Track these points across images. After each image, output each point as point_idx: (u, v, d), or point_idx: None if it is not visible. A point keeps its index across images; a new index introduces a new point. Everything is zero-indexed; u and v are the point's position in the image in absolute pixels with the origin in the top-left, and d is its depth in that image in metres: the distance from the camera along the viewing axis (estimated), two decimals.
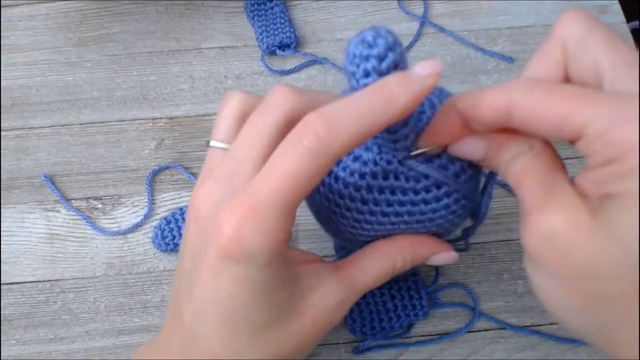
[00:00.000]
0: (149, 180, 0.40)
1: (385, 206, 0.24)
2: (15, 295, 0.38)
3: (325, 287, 0.25)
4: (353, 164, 0.24)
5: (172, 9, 0.47)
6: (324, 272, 0.25)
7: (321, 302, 0.25)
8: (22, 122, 0.43)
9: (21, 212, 0.40)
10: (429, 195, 0.24)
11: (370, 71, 0.19)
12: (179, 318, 0.24)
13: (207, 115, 0.43)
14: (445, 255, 0.27)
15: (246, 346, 0.23)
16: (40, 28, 0.46)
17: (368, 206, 0.24)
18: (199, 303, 0.23)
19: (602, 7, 0.47)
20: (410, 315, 0.36)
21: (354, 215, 0.25)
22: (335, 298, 0.25)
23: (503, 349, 0.36)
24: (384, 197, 0.24)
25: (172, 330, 0.25)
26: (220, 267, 0.21)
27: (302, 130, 0.20)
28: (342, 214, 0.25)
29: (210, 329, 0.23)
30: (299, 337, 0.24)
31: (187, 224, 0.24)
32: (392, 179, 0.24)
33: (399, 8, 0.47)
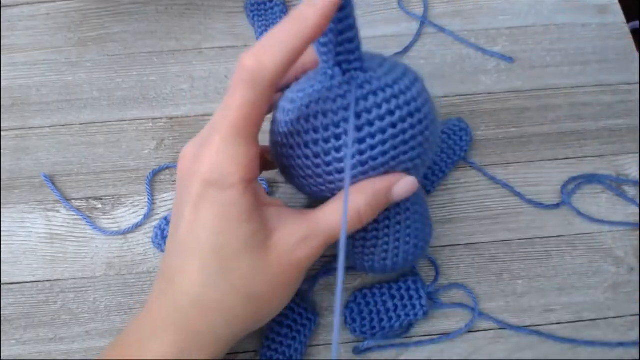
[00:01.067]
0: (149, 180, 0.40)
1: (324, 131, 0.26)
2: (15, 295, 0.38)
3: (287, 226, 0.27)
4: (296, 94, 0.27)
5: (172, 9, 0.47)
6: (287, 213, 0.28)
7: (283, 239, 0.26)
8: (22, 122, 0.43)
9: (21, 212, 0.40)
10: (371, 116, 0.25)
11: None
12: (163, 268, 0.28)
13: (207, 115, 0.43)
14: (405, 182, 0.27)
15: (216, 280, 0.26)
16: (40, 28, 0.46)
17: (310, 135, 0.26)
18: (180, 236, 0.26)
19: (602, 7, 0.47)
20: (410, 314, 0.36)
21: (303, 152, 0.26)
22: (297, 235, 0.27)
23: (503, 349, 0.36)
24: (320, 122, 0.26)
25: (157, 281, 0.28)
26: (200, 194, 0.25)
27: (237, 69, 0.24)
28: (295, 154, 0.27)
29: (185, 262, 0.26)
30: (265, 274, 0.26)
31: (177, 179, 0.28)
32: (324, 103, 0.26)
33: (399, 8, 0.47)
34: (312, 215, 0.27)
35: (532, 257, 0.38)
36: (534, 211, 0.40)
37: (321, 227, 0.27)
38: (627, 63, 0.45)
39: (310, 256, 0.27)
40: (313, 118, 0.26)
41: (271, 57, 0.23)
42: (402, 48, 0.45)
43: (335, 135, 0.26)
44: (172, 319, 0.26)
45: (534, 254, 0.39)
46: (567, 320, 0.37)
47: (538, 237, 0.39)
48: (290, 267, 0.27)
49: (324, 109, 0.26)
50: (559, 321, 0.37)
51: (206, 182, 0.25)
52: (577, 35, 0.46)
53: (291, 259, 0.27)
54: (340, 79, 0.26)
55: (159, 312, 0.27)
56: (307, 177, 0.28)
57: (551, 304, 0.37)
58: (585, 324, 0.37)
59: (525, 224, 0.39)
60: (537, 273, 0.38)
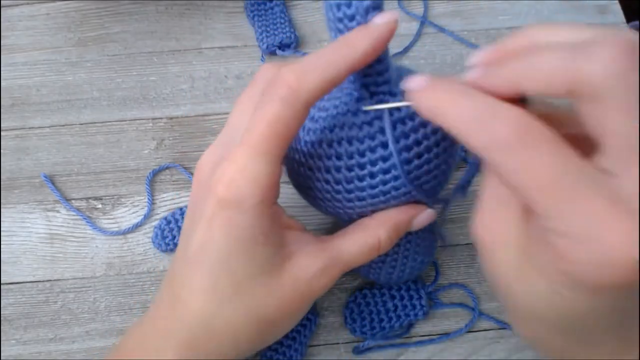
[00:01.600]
0: (149, 180, 0.40)
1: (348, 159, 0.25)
2: (15, 295, 0.38)
3: (307, 253, 0.26)
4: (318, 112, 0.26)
5: (172, 9, 0.47)
6: (307, 239, 0.26)
7: (302, 267, 0.25)
8: (22, 122, 0.43)
9: (21, 212, 0.40)
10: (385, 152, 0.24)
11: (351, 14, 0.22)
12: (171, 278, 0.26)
13: (207, 115, 0.43)
14: (425, 215, 0.28)
15: (227, 299, 0.24)
16: (40, 28, 0.46)
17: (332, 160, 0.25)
18: (191, 252, 0.25)
19: (602, 7, 0.47)
20: (410, 314, 0.36)
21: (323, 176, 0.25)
22: (316, 265, 0.26)
23: (503, 349, 0.36)
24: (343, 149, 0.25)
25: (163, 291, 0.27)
26: (215, 213, 0.24)
27: (276, 82, 0.22)
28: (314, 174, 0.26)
29: (194, 279, 0.25)
30: (278, 299, 0.25)
31: (192, 186, 0.27)
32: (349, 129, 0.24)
33: (399, 8, 0.47)
34: (333, 245, 0.26)
35: None
36: None
37: (342, 258, 0.26)
38: None
39: (327, 285, 0.26)
40: (337, 144, 0.25)
41: (313, 78, 0.22)
42: (402, 48, 0.45)
43: (359, 164, 0.24)
44: (179, 335, 0.25)
45: None
46: None
47: None
48: (304, 295, 0.26)
49: (349, 135, 0.24)
50: None
51: (223, 201, 0.23)
52: None
53: (308, 289, 0.26)
54: (368, 102, 0.24)
55: (164, 325, 0.26)
56: (324, 200, 0.27)
57: None
58: None
59: None
60: None
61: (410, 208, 0.27)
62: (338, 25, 0.22)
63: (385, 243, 0.27)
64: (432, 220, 0.28)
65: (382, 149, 0.24)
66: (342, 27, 0.22)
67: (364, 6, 0.21)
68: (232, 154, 0.23)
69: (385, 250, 0.27)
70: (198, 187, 0.26)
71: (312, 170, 0.26)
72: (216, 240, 0.24)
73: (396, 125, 0.24)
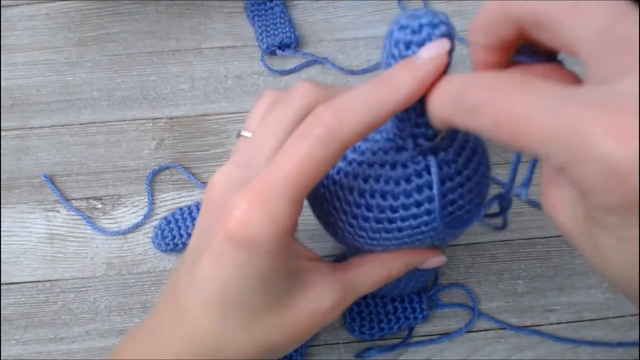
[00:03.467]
0: (149, 180, 0.40)
1: (381, 199, 0.24)
2: (15, 295, 0.38)
3: (323, 286, 0.25)
4: (352, 153, 0.24)
5: (172, 9, 0.47)
6: (323, 270, 0.26)
7: (318, 300, 0.25)
8: (22, 122, 0.43)
9: (21, 212, 0.40)
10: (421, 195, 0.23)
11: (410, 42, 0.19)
12: (175, 294, 0.25)
13: (207, 115, 0.43)
14: (436, 259, 0.28)
15: (236, 329, 0.24)
16: (40, 28, 0.46)
17: (364, 198, 0.24)
18: (198, 281, 0.23)
19: None
20: (410, 318, 0.35)
21: (352, 210, 0.24)
22: (332, 298, 0.25)
23: (503, 349, 0.36)
24: (379, 186, 0.23)
25: (166, 304, 0.26)
26: (225, 249, 0.22)
27: (312, 120, 0.21)
28: (340, 207, 0.25)
29: (203, 307, 0.24)
30: (291, 329, 0.25)
31: (202, 204, 0.26)
32: (387, 168, 0.23)
33: (399, 8, 0.47)
34: (348, 276, 0.26)
35: (532, 257, 0.38)
36: (534, 211, 0.40)
37: (355, 291, 0.26)
38: None
39: (339, 314, 0.26)
40: (374, 180, 0.23)
41: (353, 120, 0.20)
42: None
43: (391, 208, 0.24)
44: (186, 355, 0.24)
45: (534, 254, 0.39)
46: (567, 320, 0.37)
47: (538, 237, 0.39)
48: (318, 325, 0.25)
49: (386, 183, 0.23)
50: (559, 321, 0.37)
51: (234, 239, 0.21)
52: None
53: (322, 320, 0.25)
54: (411, 153, 0.23)
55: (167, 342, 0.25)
56: (346, 233, 0.26)
57: (551, 304, 0.37)
58: (585, 323, 0.37)
59: (526, 224, 0.39)
60: (537, 273, 0.38)
61: (427, 252, 0.28)
62: (393, 51, 0.20)
63: (395, 276, 0.27)
64: (441, 264, 0.29)
65: (418, 193, 0.23)
66: (397, 53, 0.20)
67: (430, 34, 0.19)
68: (251, 188, 0.21)
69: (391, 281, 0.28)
70: (208, 209, 0.25)
71: (338, 199, 0.25)
72: (225, 276, 0.22)
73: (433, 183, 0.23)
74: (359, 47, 0.46)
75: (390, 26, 0.20)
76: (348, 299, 0.26)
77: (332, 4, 0.48)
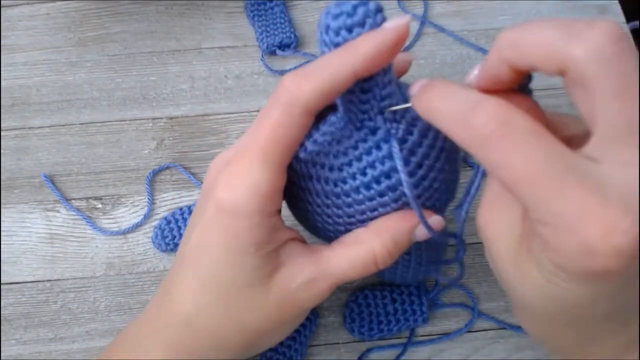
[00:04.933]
0: (149, 180, 0.40)
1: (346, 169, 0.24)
2: (15, 295, 0.38)
3: (294, 265, 0.25)
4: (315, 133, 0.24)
5: (172, 9, 0.47)
6: (297, 250, 0.25)
7: (288, 278, 0.25)
8: (22, 122, 0.43)
9: (21, 212, 0.40)
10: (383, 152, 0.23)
11: (340, 27, 0.21)
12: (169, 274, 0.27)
13: (207, 115, 0.43)
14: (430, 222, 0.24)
15: (212, 303, 0.25)
16: (40, 28, 0.46)
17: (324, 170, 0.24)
18: (187, 253, 0.25)
19: (602, 7, 0.47)
20: (410, 320, 0.35)
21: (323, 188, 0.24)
22: (303, 276, 0.25)
23: (503, 348, 0.36)
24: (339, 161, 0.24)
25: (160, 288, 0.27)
26: (212, 216, 0.24)
27: (278, 89, 0.22)
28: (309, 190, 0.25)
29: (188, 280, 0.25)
30: (263, 311, 0.25)
31: (201, 189, 0.27)
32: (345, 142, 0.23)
33: (399, 8, 0.47)
34: (323, 256, 0.25)
35: None
36: None
37: (331, 271, 0.25)
38: None
39: (314, 298, 0.25)
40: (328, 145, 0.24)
41: (312, 82, 0.21)
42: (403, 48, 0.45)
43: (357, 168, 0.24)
44: (164, 335, 0.25)
45: None
46: None
47: None
48: (289, 307, 0.25)
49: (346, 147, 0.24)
50: None
51: (220, 206, 0.23)
52: None
53: (292, 300, 0.25)
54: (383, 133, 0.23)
55: (151, 325, 0.26)
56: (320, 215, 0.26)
57: None
58: None
59: None
60: None
61: (410, 215, 0.24)
62: (334, 39, 0.21)
63: (383, 257, 0.25)
64: (440, 228, 0.25)
65: (381, 164, 0.23)
66: (340, 40, 0.21)
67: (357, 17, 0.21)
68: (235, 159, 0.23)
69: (385, 266, 0.25)
70: (204, 189, 0.26)
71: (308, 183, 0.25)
72: (209, 244, 0.24)
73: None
74: None
75: (320, 16, 0.22)
76: (323, 281, 0.25)
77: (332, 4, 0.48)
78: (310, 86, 0.21)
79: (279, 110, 0.22)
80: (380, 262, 0.25)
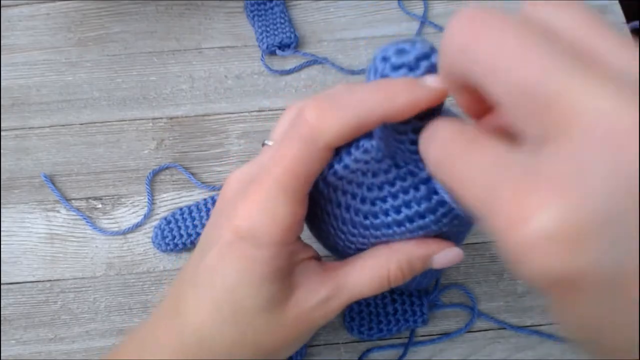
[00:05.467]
0: (149, 180, 0.40)
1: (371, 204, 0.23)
2: (15, 295, 0.38)
3: (309, 285, 0.25)
4: (346, 157, 0.24)
5: (172, 9, 0.47)
6: (312, 269, 0.25)
7: (304, 299, 0.24)
8: (22, 122, 0.43)
9: (21, 212, 0.40)
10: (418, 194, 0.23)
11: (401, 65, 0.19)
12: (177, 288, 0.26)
13: (207, 115, 0.43)
14: (449, 253, 0.25)
15: (226, 325, 0.24)
16: (40, 28, 0.46)
17: (356, 201, 0.24)
18: (201, 274, 0.24)
19: (602, 7, 0.47)
20: (410, 320, 0.35)
21: (352, 218, 0.24)
22: (317, 296, 0.24)
23: (503, 349, 0.36)
24: (373, 194, 0.23)
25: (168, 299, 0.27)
26: (229, 243, 0.23)
27: (297, 119, 0.21)
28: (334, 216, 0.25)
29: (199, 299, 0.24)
30: (279, 332, 0.25)
31: (217, 200, 0.27)
32: (381, 176, 0.23)
33: (399, 8, 0.47)
34: (338, 274, 0.25)
35: None
36: None
37: (346, 288, 0.25)
38: None
39: (329, 316, 0.25)
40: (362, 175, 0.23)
41: (337, 119, 0.20)
42: None
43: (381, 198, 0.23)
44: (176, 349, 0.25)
45: None
46: None
47: None
48: (305, 326, 0.25)
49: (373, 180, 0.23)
50: None
51: (239, 234, 0.23)
52: None
53: (308, 319, 0.25)
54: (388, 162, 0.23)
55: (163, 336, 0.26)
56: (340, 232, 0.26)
57: None
58: None
59: None
60: None
61: (433, 242, 0.24)
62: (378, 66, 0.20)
63: (395, 277, 0.25)
64: (458, 261, 0.25)
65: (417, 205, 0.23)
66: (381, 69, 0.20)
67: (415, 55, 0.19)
68: (253, 187, 0.23)
69: (395, 285, 0.25)
70: (222, 203, 0.26)
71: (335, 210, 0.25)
72: (225, 270, 0.23)
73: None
74: (359, 47, 0.46)
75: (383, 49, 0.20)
76: (338, 299, 0.25)
77: (332, 4, 0.48)
78: (335, 122, 0.20)
79: (297, 143, 0.21)
80: (392, 282, 0.25)
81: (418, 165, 0.22)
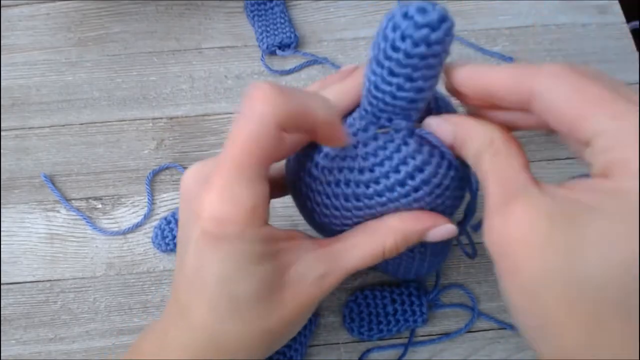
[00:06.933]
0: (149, 180, 0.40)
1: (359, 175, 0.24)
2: (15, 295, 0.38)
3: (304, 262, 0.25)
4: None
5: (172, 9, 0.47)
6: (304, 247, 0.25)
7: (299, 276, 0.25)
8: (22, 122, 0.43)
9: (21, 212, 0.40)
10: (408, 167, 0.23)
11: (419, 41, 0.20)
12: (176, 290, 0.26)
13: (207, 115, 0.43)
14: (443, 228, 0.25)
15: (227, 319, 0.24)
16: (40, 28, 0.46)
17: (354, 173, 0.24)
18: (187, 277, 0.24)
19: (602, 7, 0.47)
20: (409, 320, 0.35)
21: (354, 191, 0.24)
22: (314, 272, 0.25)
23: (503, 349, 0.36)
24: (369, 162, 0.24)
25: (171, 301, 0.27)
26: (202, 240, 0.23)
27: (249, 96, 0.21)
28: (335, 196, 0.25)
29: (194, 301, 0.24)
30: (280, 312, 0.25)
31: (180, 199, 0.27)
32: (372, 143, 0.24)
33: None
34: (332, 249, 0.25)
35: None
36: None
37: (341, 263, 0.25)
38: (627, 63, 0.45)
39: (326, 291, 0.25)
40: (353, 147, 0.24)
41: (283, 101, 0.21)
42: None
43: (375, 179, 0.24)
44: (190, 347, 0.25)
45: None
46: None
47: None
48: (305, 303, 0.25)
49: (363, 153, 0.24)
50: None
51: (206, 229, 0.22)
52: (577, 35, 0.46)
53: (306, 296, 0.25)
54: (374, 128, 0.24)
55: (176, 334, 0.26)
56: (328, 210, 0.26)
57: None
58: None
59: None
60: None
61: (428, 217, 0.25)
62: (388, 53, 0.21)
63: (390, 251, 0.25)
64: (452, 236, 0.25)
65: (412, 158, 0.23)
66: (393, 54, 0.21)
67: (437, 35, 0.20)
68: (213, 178, 0.22)
69: (388, 257, 0.26)
70: (184, 204, 0.26)
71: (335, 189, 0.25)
72: (208, 266, 0.23)
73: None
74: (359, 47, 0.46)
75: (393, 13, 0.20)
76: (334, 274, 0.25)
77: (332, 4, 0.48)
78: (282, 101, 0.21)
79: (249, 122, 0.21)
80: (387, 254, 0.25)
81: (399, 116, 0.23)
